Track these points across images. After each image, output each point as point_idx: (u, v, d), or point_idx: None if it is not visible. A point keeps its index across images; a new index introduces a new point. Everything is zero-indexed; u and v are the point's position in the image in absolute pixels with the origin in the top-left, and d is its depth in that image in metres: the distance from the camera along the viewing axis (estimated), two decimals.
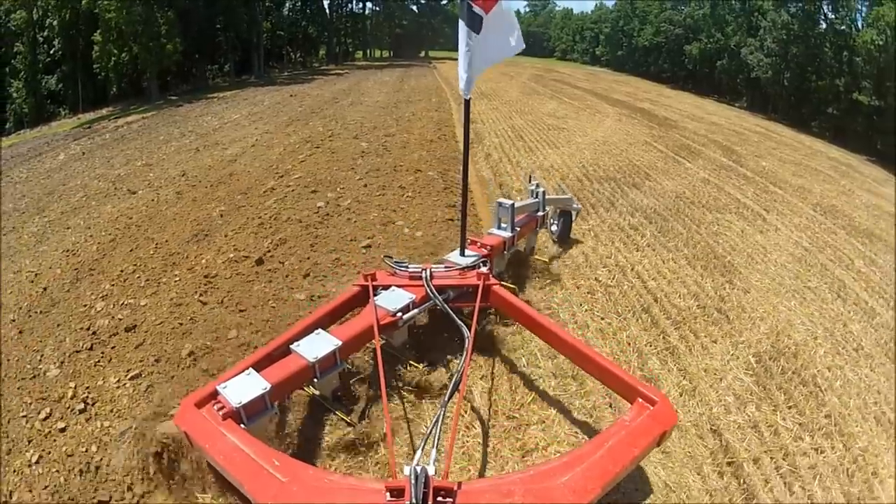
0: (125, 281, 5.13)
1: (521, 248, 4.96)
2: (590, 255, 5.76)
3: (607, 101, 21.21)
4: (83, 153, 13.92)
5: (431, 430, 2.21)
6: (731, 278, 5.48)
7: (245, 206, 7.00)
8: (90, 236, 6.70)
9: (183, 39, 25.78)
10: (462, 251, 3.91)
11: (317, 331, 2.91)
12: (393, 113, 14.81)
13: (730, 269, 5.73)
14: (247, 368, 2.56)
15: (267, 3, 37.22)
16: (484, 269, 3.50)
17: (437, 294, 3.25)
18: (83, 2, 23.95)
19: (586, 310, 4.60)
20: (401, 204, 6.81)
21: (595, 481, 1.97)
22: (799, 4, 26.77)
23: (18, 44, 27.54)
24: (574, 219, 5.94)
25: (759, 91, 29.90)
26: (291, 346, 2.77)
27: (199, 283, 4.81)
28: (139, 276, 5.17)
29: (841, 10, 25.51)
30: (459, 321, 3.01)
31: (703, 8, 36.35)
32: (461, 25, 3.27)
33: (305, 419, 2.85)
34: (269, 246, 5.51)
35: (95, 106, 25.96)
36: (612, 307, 4.68)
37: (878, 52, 22.47)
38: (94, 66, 25.08)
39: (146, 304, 4.58)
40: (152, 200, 7.82)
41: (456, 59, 3.60)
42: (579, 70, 44.96)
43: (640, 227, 6.76)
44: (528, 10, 77.17)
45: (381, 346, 2.79)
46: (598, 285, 5.07)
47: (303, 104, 17.82)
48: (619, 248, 6.05)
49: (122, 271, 5.33)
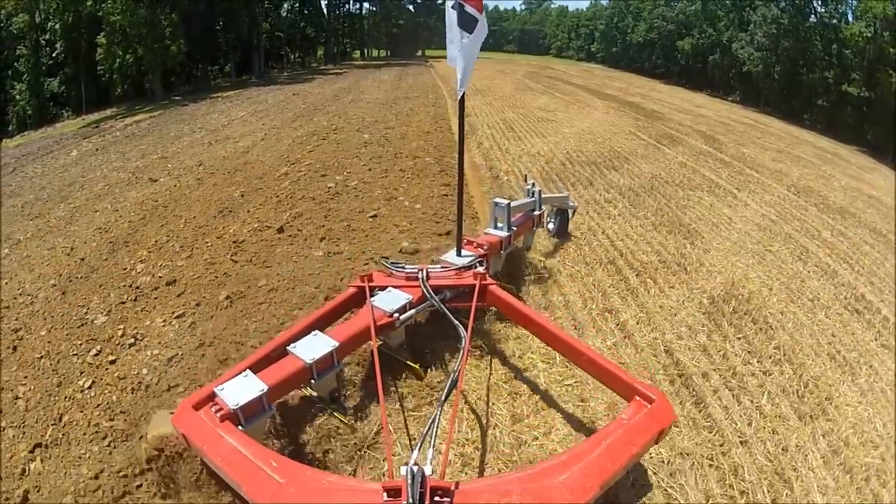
0: (160, 249, 5.81)
1: (518, 248, 4.98)
2: None
3: (598, 95, 21.84)
4: (96, 149, 14.53)
5: (428, 429, 2.16)
6: (693, 241, 6.13)
7: (262, 188, 7.70)
8: (119, 216, 7.36)
9: (186, 41, 26.38)
10: (458, 251, 3.90)
11: (314, 332, 2.90)
12: (392, 109, 15.49)
13: (693, 233, 6.38)
14: (244, 370, 2.55)
15: (266, 5, 37.86)
16: (480, 269, 3.51)
17: (433, 294, 3.26)
18: (86, 4, 24.51)
19: (558, 260, 5.29)
20: (402, 183, 7.51)
21: (593, 480, 1.97)
22: None
23: (21, 47, 28.09)
24: (571, 217, 6.02)
25: (751, 85, 30.14)
26: (288, 348, 2.77)
27: (229, 247, 5.51)
28: (173, 245, 5.86)
29: (831, 2, 25.87)
30: (456, 321, 3.01)
31: (695, 4, 36.85)
32: (453, 26, 3.39)
33: (303, 420, 2.88)
34: (287, 218, 6.20)
35: (98, 107, 26.37)
36: (581, 259, 5.38)
37: (866, 44, 23.02)
38: (99, 67, 25.63)
39: (183, 265, 5.27)
40: (174, 186, 8.50)
41: None
42: (574, 67, 45.59)
43: (614, 200, 7.47)
44: (523, 7, 78.08)
45: (378, 347, 2.83)
46: (569, 243, 5.76)
47: (305, 102, 18.48)
48: (593, 216, 6.74)
49: (157, 241, 6.01)
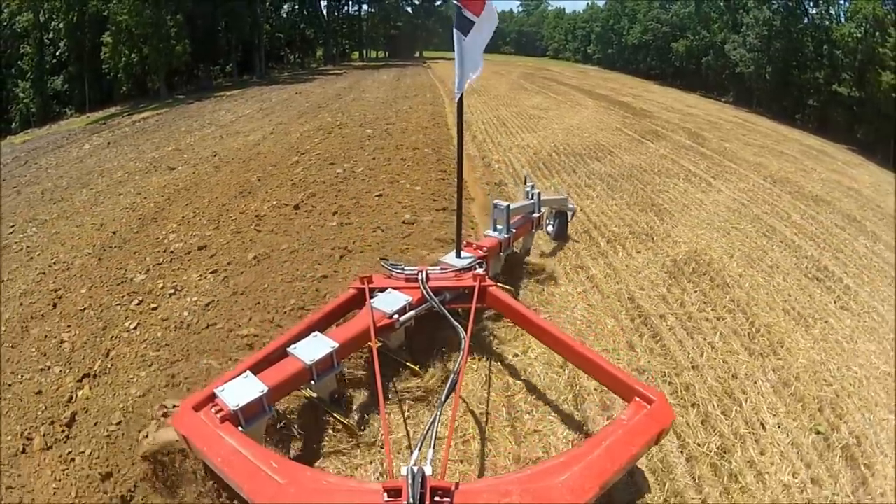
0: (189, 222, 6.51)
1: (517, 250, 4.97)
2: None
3: (590, 95, 22.64)
4: (108, 143, 15.13)
5: (428, 430, 2.17)
6: (663, 218, 6.88)
7: (277, 174, 8.42)
8: (144, 199, 8.03)
9: (190, 41, 27.00)
10: (458, 253, 3.91)
11: (313, 333, 2.91)
12: (392, 107, 16.24)
13: (664, 212, 7.12)
14: (244, 371, 2.55)
15: (267, 6, 38.54)
16: (480, 271, 3.53)
17: (433, 296, 3.26)
18: (91, 4, 25.02)
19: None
20: (403, 170, 8.25)
21: (593, 480, 1.98)
22: (781, 0, 27.74)
23: (25, 45, 28.39)
24: (570, 219, 6.08)
25: (744, 85, 30.64)
26: (288, 349, 2.78)
27: (252, 220, 6.23)
28: (200, 219, 6.56)
29: (822, 4, 26.42)
30: (455, 322, 3.01)
31: (689, 6, 37.54)
32: (454, 29, 3.37)
33: (303, 421, 2.92)
34: (302, 198, 6.92)
35: (102, 105, 26.70)
36: None
37: (856, 45, 23.58)
38: (104, 66, 26.04)
39: (211, 234, 5.98)
40: (193, 173, 9.20)
41: (449, 59, 4.40)
42: (570, 68, 46.40)
43: (594, 185, 8.28)
44: (521, 10, 78.89)
45: (378, 349, 2.87)
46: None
47: (308, 100, 19.22)
48: (573, 196, 7.46)
49: (184, 217, 6.71)
